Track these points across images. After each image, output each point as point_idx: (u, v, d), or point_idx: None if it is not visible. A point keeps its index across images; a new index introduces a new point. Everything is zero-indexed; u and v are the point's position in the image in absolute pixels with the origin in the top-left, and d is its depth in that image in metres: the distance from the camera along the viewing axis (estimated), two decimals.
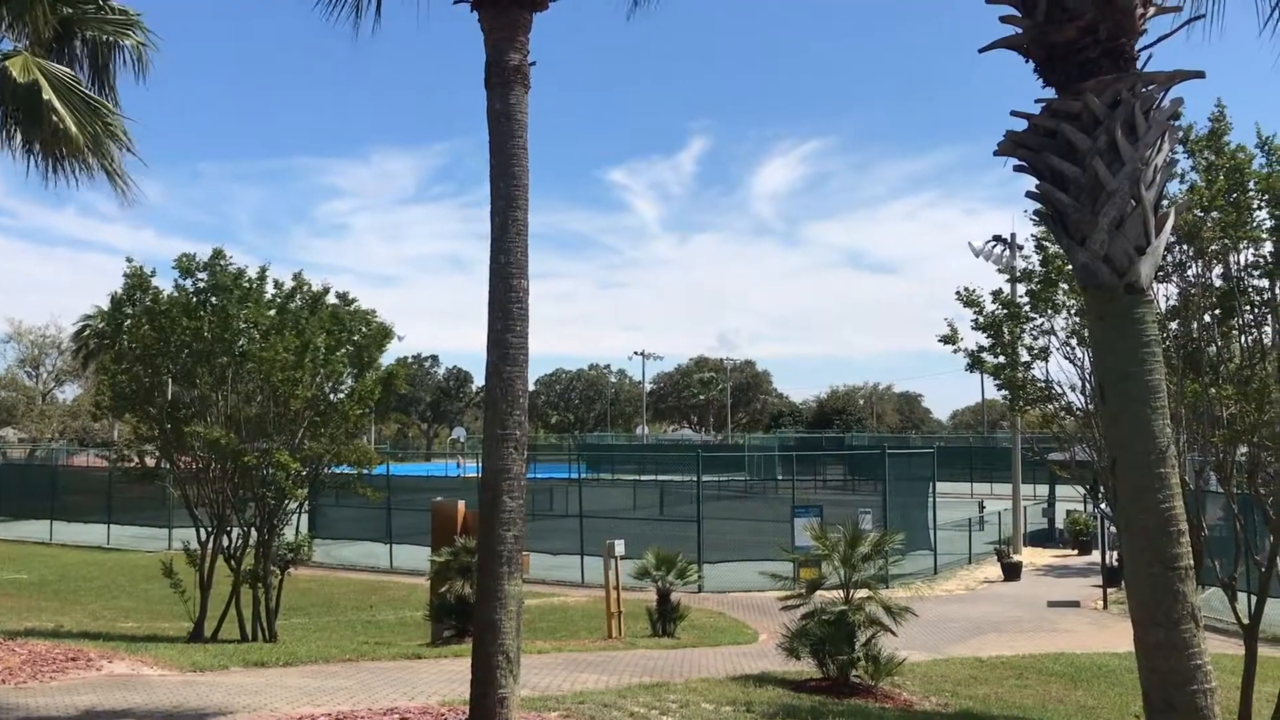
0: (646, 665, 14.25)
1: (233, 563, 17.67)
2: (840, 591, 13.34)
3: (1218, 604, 15.53)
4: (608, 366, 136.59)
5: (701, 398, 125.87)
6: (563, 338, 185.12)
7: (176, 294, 18.12)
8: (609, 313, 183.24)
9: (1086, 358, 11.26)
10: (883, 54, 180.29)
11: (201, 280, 18.13)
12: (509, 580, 8.04)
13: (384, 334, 19.19)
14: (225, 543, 17.83)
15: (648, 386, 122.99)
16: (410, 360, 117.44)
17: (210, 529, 17.86)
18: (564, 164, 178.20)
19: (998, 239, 33.08)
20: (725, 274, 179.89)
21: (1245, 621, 10.28)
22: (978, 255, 33.36)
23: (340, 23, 9.38)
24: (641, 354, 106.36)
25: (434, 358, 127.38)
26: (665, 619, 17.92)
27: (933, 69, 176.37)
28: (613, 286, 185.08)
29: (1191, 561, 6.08)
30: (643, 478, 50.64)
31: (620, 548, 18.31)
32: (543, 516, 35.27)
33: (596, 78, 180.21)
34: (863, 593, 13.30)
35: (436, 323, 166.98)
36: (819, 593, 13.67)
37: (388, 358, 19.74)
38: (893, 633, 13.09)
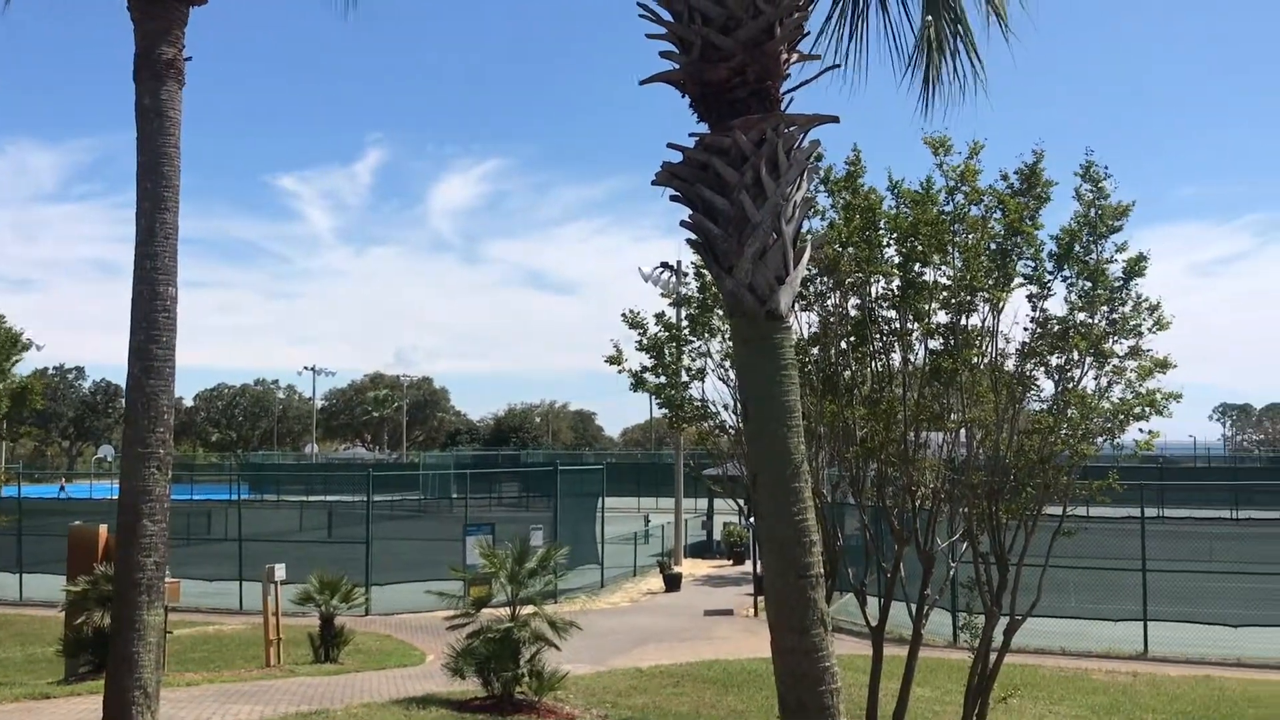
0: (306, 693, 13.71)
1: None
2: (508, 609, 13.41)
3: (853, 608, 16.85)
4: (275, 382, 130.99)
5: (376, 415, 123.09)
6: (226, 350, 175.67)
7: None
8: (278, 325, 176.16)
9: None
10: (557, 79, 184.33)
11: None
12: (149, 609, 7.52)
13: (13, 342, 17.50)
14: None
15: (319, 403, 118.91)
16: (50, 372, 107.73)
17: None
18: (229, 166, 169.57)
19: (665, 265, 34.44)
20: (403, 289, 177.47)
21: (874, 624, 11.17)
22: (647, 280, 34.61)
23: None
24: (312, 369, 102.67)
25: (79, 369, 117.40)
26: (328, 644, 17.33)
27: (607, 97, 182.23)
28: (282, 298, 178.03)
29: (822, 570, 6.54)
30: (310, 498, 48.86)
31: (281, 572, 17.52)
32: (199, 540, 33.36)
33: (266, 80, 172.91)
34: (529, 609, 13.44)
35: (83, 332, 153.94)
36: (486, 610, 13.69)
37: (22, 368, 18.01)
38: (557, 647, 13.29)
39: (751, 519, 16.50)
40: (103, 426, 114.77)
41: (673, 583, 28.50)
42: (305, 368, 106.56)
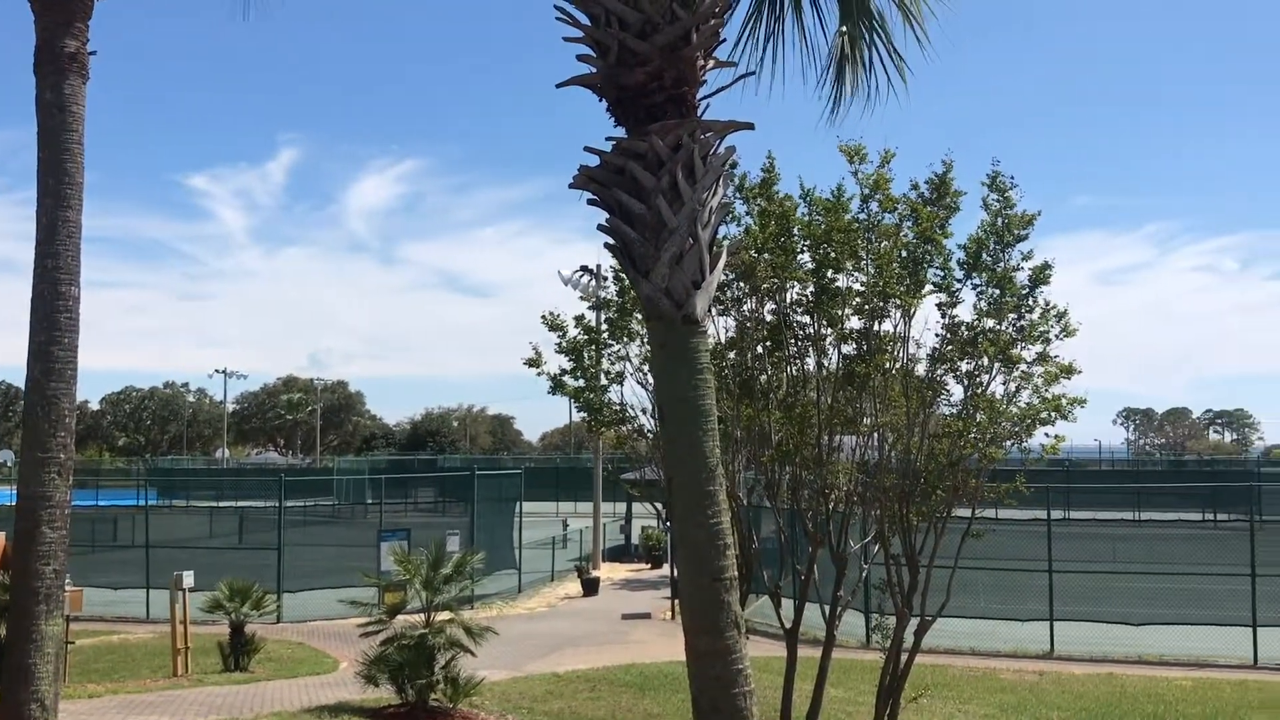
0: (214, 703, 13.44)
1: None
2: (423, 615, 13.28)
3: (769, 610, 17.01)
4: (185, 385, 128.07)
5: (290, 419, 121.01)
6: (134, 353, 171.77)
7: None
8: (188, 327, 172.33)
9: None
10: (476, 80, 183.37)
11: None
12: (47, 619, 7.30)
13: None
14: None
15: (230, 407, 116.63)
16: None
17: None
18: (137, 164, 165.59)
19: (585, 269, 34.42)
20: (318, 290, 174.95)
21: (788, 626, 11.27)
22: (566, 284, 34.54)
23: None
24: (224, 372, 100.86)
25: None
26: (238, 652, 16.98)
27: (527, 99, 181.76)
28: (193, 299, 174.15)
29: (736, 573, 6.58)
30: (221, 504, 47.97)
31: (189, 579, 17.13)
32: (105, 548, 32.51)
33: (175, 76, 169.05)
34: (444, 615, 13.33)
35: None
36: (401, 617, 13.55)
37: None
38: (472, 654, 13.19)
39: (669, 522, 16.55)
40: (2, 431, 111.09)
41: (590, 587, 28.47)
42: (216, 370, 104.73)
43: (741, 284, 10.96)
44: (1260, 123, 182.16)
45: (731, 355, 11.24)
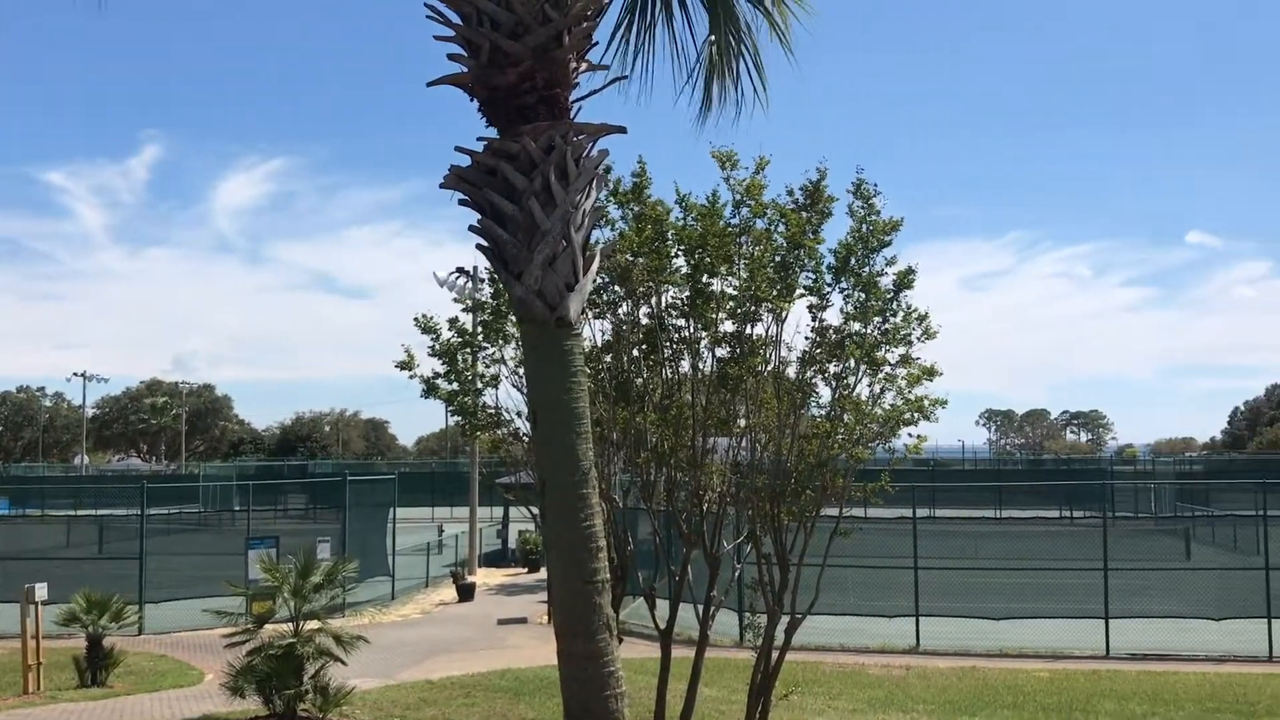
0: None
1: None
2: (291, 624, 12.99)
3: (645, 612, 17.08)
4: (41, 389, 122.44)
5: (154, 424, 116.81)
6: None
7: None
8: (43, 329, 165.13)
9: None
10: (346, 80, 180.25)
11: None
12: None
13: None
14: None
15: (90, 411, 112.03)
16: None
17: None
18: None
19: (461, 270, 34.10)
20: (182, 291, 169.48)
21: (663, 626, 11.34)
22: (442, 285, 34.16)
23: None
24: (82, 375, 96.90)
25: None
26: (96, 667, 16.33)
27: (402, 98, 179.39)
28: (48, 299, 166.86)
29: (608, 576, 6.61)
30: (80, 513, 46.10)
31: (42, 591, 16.37)
32: None
33: (31, 67, 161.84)
34: (314, 624, 13.06)
35: None
36: (269, 626, 13.22)
37: None
38: (343, 662, 12.96)
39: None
40: None
41: (466, 593, 28.18)
42: (74, 374, 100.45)
43: (617, 287, 10.99)
44: (1110, 138, 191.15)
45: (608, 358, 11.26)
